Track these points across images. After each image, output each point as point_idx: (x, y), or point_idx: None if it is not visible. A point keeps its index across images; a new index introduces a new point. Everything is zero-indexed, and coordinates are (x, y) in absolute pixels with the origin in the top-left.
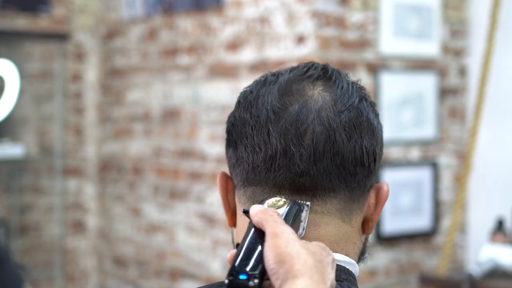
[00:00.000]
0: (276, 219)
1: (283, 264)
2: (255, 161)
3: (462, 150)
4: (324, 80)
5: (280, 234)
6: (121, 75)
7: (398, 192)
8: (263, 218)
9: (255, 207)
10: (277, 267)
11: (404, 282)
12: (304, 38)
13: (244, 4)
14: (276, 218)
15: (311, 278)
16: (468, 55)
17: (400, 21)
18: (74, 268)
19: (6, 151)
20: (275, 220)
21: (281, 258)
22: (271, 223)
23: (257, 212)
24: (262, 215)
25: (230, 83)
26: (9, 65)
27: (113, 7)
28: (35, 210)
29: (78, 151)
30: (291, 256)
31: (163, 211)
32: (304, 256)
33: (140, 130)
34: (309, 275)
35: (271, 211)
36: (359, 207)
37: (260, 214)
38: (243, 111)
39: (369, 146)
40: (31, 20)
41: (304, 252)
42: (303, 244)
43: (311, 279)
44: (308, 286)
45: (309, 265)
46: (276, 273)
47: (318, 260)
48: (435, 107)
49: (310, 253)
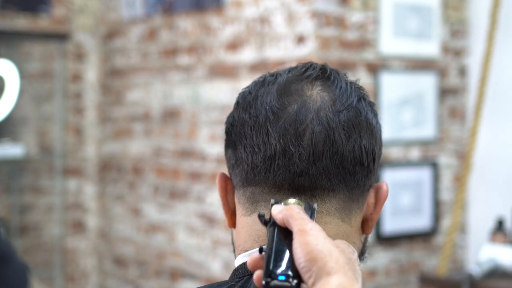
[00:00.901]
0: (303, 216)
1: (315, 261)
2: (254, 161)
3: (462, 150)
4: (322, 80)
5: (309, 231)
6: (121, 75)
7: (398, 192)
8: (289, 215)
9: (277, 207)
10: (309, 264)
11: (404, 282)
12: (304, 38)
13: (244, 4)
14: (303, 215)
15: (345, 275)
16: (468, 55)
17: (400, 21)
18: (74, 268)
19: (6, 151)
20: (302, 217)
21: (313, 256)
22: (298, 220)
23: (281, 210)
24: (287, 212)
25: (230, 83)
26: (9, 65)
27: (113, 7)
28: (35, 210)
29: (78, 151)
30: (323, 254)
31: (163, 211)
32: (336, 253)
33: (140, 130)
34: (343, 272)
35: (297, 208)
36: (358, 206)
37: (285, 211)
38: (242, 112)
39: (368, 146)
40: (31, 20)
41: (335, 250)
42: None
43: (345, 276)
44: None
45: (341, 263)
46: (308, 271)
47: (349, 257)
48: (435, 107)
49: (341, 251)
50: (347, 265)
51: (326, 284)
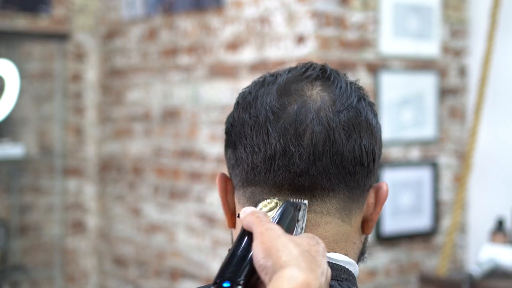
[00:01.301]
0: (262, 219)
1: (269, 258)
2: (254, 162)
3: (462, 150)
4: (322, 80)
5: (265, 231)
6: (121, 75)
7: (398, 192)
8: (250, 220)
9: (245, 210)
10: (265, 262)
11: (404, 282)
12: (304, 38)
13: (244, 4)
14: (262, 218)
15: (297, 267)
16: (468, 55)
17: (400, 21)
18: (74, 268)
19: (6, 151)
20: (261, 220)
21: (267, 253)
22: (257, 224)
23: (246, 215)
24: (249, 218)
25: (230, 83)
26: (9, 65)
27: (113, 7)
28: (35, 210)
29: (78, 151)
30: (277, 249)
31: (163, 211)
32: (290, 247)
33: (140, 130)
34: (296, 264)
35: (259, 213)
36: (358, 206)
37: (247, 217)
38: (242, 112)
39: (368, 146)
40: (31, 20)
41: (290, 244)
42: (289, 237)
43: (298, 267)
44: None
45: (295, 255)
46: (264, 269)
47: (305, 249)
48: (435, 107)
49: (296, 244)
50: (301, 257)
51: (279, 277)
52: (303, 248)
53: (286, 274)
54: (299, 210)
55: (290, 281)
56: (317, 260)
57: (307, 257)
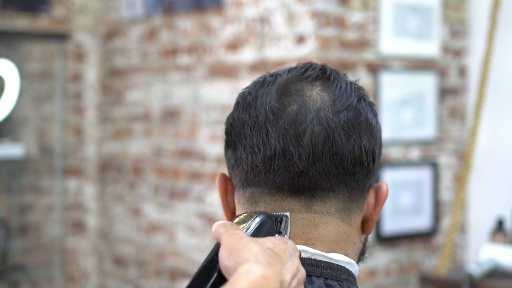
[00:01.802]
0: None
1: (231, 258)
2: (254, 162)
3: (462, 150)
4: (322, 80)
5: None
6: (121, 75)
7: (398, 192)
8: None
9: (216, 223)
10: (227, 263)
11: (404, 282)
12: (304, 38)
13: (244, 4)
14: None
15: (256, 262)
16: (468, 55)
17: (400, 21)
18: (74, 268)
19: (6, 151)
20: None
21: (229, 254)
22: (223, 233)
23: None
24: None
25: (230, 83)
26: (9, 65)
27: (113, 7)
28: (35, 210)
29: (78, 151)
30: (237, 250)
31: (163, 211)
32: (250, 246)
33: (140, 130)
34: (254, 260)
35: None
36: (358, 207)
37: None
38: (242, 112)
39: (368, 146)
40: (31, 20)
41: (251, 243)
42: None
43: (256, 262)
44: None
45: (254, 252)
46: (228, 269)
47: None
48: (435, 107)
49: (258, 243)
50: (260, 253)
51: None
52: (265, 246)
53: (243, 269)
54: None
55: (247, 275)
56: (281, 257)
57: (269, 253)
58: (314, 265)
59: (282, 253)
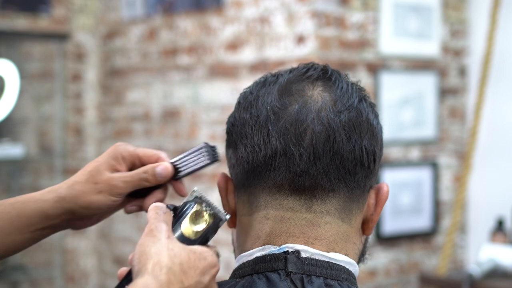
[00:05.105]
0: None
1: (139, 262)
2: (254, 161)
3: (462, 150)
4: (323, 80)
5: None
6: (121, 75)
7: (398, 192)
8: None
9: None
10: (135, 264)
11: (404, 282)
12: (304, 38)
13: (244, 4)
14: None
15: (155, 278)
16: (468, 55)
17: (400, 21)
18: (74, 268)
19: (6, 151)
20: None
21: (139, 256)
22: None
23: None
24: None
25: (230, 83)
26: (9, 65)
27: (113, 7)
28: None
29: (78, 151)
30: (146, 255)
31: None
32: (161, 256)
33: (140, 130)
34: (155, 275)
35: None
36: (358, 207)
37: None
38: (243, 112)
39: (369, 146)
40: (31, 20)
41: (164, 253)
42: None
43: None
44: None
45: (160, 266)
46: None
47: (180, 262)
48: (435, 107)
49: (171, 255)
50: (166, 268)
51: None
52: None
53: (140, 282)
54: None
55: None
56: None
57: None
58: (313, 264)
59: (191, 271)
